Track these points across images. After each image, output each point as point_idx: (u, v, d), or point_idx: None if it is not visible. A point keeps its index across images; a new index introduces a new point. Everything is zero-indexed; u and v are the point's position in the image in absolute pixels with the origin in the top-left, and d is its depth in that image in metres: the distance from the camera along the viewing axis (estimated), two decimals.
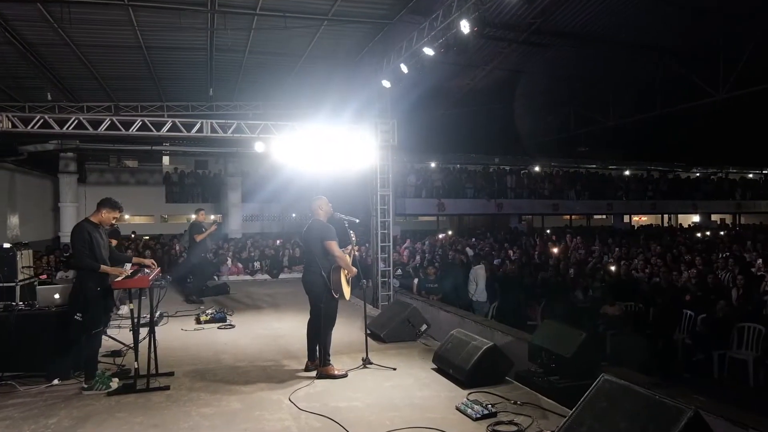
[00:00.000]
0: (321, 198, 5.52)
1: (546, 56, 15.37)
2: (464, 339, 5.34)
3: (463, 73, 16.29)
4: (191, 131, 9.62)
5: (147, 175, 22.39)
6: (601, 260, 11.38)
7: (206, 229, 10.27)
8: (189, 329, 7.75)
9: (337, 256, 5.19)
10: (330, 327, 5.35)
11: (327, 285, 5.20)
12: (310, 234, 5.34)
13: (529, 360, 5.89)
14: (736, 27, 13.09)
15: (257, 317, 8.77)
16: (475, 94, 17.98)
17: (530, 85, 17.35)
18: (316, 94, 11.17)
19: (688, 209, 25.85)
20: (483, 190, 22.39)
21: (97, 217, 5.13)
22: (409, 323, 6.87)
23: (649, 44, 14.66)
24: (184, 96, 12.24)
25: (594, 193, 23.77)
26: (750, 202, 26.71)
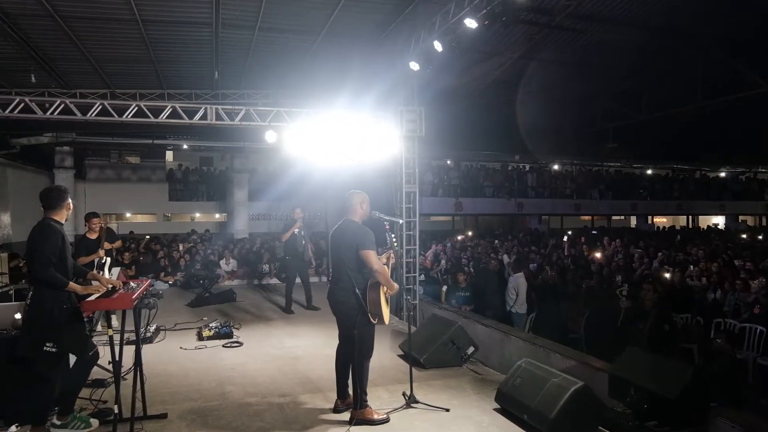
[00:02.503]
0: (360, 193, 4.37)
1: (578, 43, 14.17)
2: (539, 373, 4.18)
3: (486, 63, 15.14)
4: (194, 118, 8.49)
5: (149, 172, 21.32)
6: (650, 266, 10.20)
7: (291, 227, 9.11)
8: (189, 347, 6.61)
9: (377, 270, 4.03)
10: (366, 359, 4.19)
11: (362, 306, 4.04)
12: (341, 239, 4.18)
13: (610, 396, 4.72)
14: None
15: (267, 332, 7.63)
16: (497, 87, 16.77)
17: (557, 76, 16.13)
18: (334, 78, 9.98)
19: (716, 210, 24.57)
20: (502, 189, 21.21)
21: (61, 214, 3.88)
22: (453, 345, 5.72)
23: (691, 31, 13.51)
24: (187, 83, 11.07)
25: (617, 193, 22.54)
26: None
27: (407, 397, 4.53)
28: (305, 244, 9.11)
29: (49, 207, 3.81)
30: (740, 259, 11.93)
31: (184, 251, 13.91)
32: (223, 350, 6.53)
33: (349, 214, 4.32)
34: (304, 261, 9.18)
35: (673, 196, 23.22)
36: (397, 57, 9.08)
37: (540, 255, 12.37)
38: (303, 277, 9.30)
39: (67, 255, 3.81)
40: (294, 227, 8.99)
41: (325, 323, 8.10)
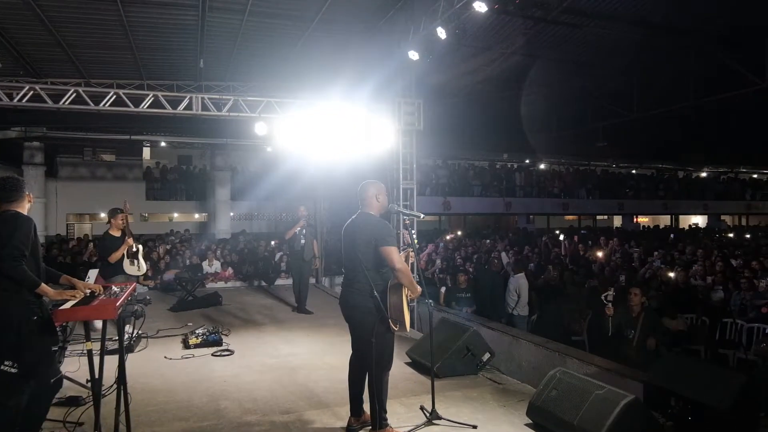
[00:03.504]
0: (376, 183, 3.88)
1: (572, 40, 13.91)
2: (578, 385, 3.74)
3: (478, 58, 14.79)
4: (178, 108, 7.89)
5: (125, 170, 20.44)
6: (651, 265, 9.93)
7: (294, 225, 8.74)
8: (174, 356, 6.01)
9: (400, 270, 3.54)
10: (386, 371, 3.70)
11: (382, 310, 3.55)
12: (356, 234, 3.67)
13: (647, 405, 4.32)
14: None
15: (259, 338, 7.06)
16: (487, 83, 16.47)
17: (549, 74, 15.87)
18: (328, 69, 9.45)
19: (699, 210, 24.73)
20: (491, 188, 20.95)
21: (23, 206, 3.23)
22: (468, 352, 5.26)
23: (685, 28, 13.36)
24: (169, 72, 10.39)
25: (605, 193, 22.46)
26: (759, 203, 25.71)
27: (428, 412, 4.05)
28: (304, 243, 8.58)
29: (7, 199, 3.17)
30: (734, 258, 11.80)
31: (164, 252, 13.21)
32: (212, 360, 5.96)
33: (364, 206, 3.82)
34: (303, 261, 8.66)
35: (659, 196, 23.26)
36: (395, 46, 8.61)
37: (537, 254, 12.02)
38: (302, 278, 8.78)
39: (39, 252, 3.21)
40: (297, 225, 8.49)
41: (321, 328, 7.60)
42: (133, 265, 6.63)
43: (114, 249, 6.53)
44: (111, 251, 6.51)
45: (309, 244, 8.77)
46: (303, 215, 8.69)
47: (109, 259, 6.51)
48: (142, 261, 6.77)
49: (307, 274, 9.15)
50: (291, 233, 8.47)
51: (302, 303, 8.75)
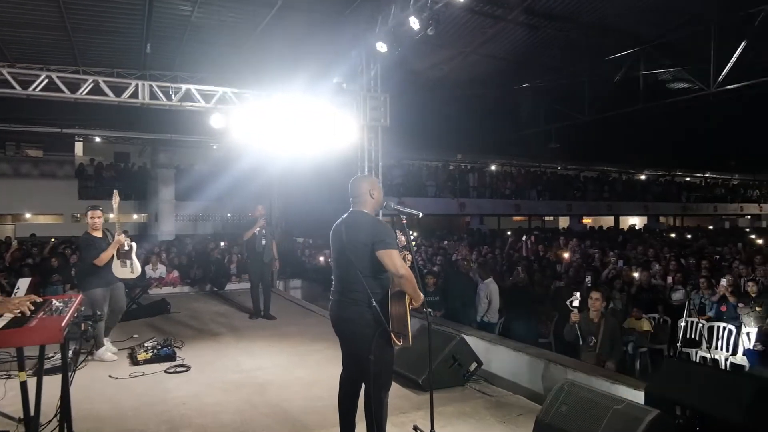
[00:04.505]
0: (369, 177, 3.47)
1: (530, 41, 14.01)
2: (591, 398, 3.43)
3: (435, 56, 14.60)
4: (122, 96, 7.08)
5: (55, 167, 18.85)
6: (615, 266, 9.99)
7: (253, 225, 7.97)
8: (121, 375, 5.28)
9: (404, 276, 3.09)
10: (385, 391, 3.24)
11: (381, 323, 3.09)
12: (349, 236, 3.20)
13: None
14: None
15: (217, 350, 6.40)
16: (442, 83, 16.35)
17: (505, 74, 15.97)
18: (289, 60, 8.84)
19: (640, 211, 25.75)
20: (445, 189, 20.87)
21: None
22: (455, 362, 4.88)
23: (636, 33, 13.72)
24: (109, 59, 9.44)
25: (554, 194, 22.93)
26: (693, 205, 27.12)
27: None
28: (265, 244, 7.96)
29: None
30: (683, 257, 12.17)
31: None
32: (166, 378, 5.28)
33: (356, 204, 3.36)
34: (264, 263, 8.04)
35: (604, 197, 24.01)
36: (361, 36, 8.17)
37: (499, 256, 11.90)
38: (263, 282, 8.16)
39: None
40: (255, 226, 7.84)
41: (284, 337, 7.03)
42: (126, 267, 5.73)
43: (100, 250, 5.61)
44: (97, 253, 5.58)
45: (269, 246, 8.18)
46: (261, 215, 8.07)
47: (96, 261, 5.58)
48: (136, 261, 5.85)
49: (268, 278, 8.56)
50: (250, 234, 7.83)
51: (267, 308, 8.16)
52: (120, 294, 5.96)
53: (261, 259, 8.03)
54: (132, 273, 5.80)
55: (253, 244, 7.91)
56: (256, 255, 7.91)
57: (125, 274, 5.77)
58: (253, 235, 7.82)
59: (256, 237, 7.94)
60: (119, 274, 5.73)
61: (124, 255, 5.72)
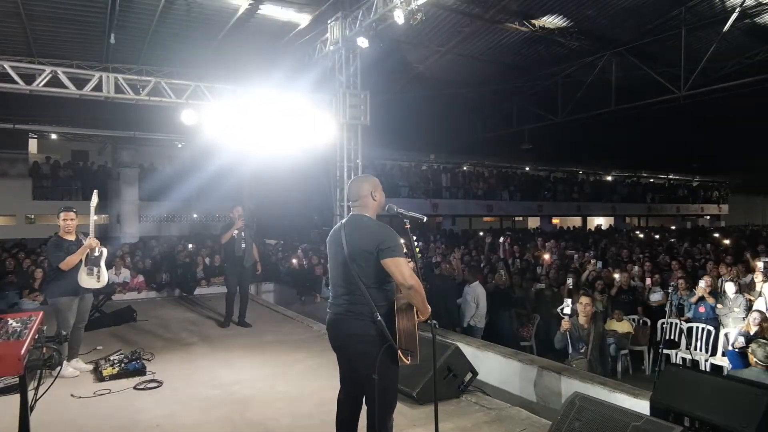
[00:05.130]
0: (370, 177, 3.14)
1: (505, 40, 13.98)
2: (606, 413, 3.22)
3: (411, 56, 14.42)
4: (84, 89, 6.56)
5: (6, 165, 17.77)
6: (595, 267, 9.96)
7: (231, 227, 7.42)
8: (85, 393, 4.81)
9: (413, 287, 2.80)
10: (390, 413, 2.96)
11: (387, 338, 2.80)
12: (351, 242, 2.89)
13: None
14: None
15: (191, 362, 5.97)
16: (416, 82, 16.20)
17: (479, 74, 15.93)
18: (265, 55, 8.44)
19: (608, 211, 26.21)
20: (418, 189, 20.72)
21: None
22: (449, 373, 4.63)
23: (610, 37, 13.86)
24: (68, 49, 8.82)
25: (526, 195, 23.08)
26: (658, 206, 27.81)
27: None
28: (245, 247, 7.51)
29: None
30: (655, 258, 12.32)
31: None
32: (136, 395, 4.84)
33: (357, 207, 3.05)
34: (244, 268, 7.59)
35: (573, 198, 24.32)
36: (340, 32, 7.84)
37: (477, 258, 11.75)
38: (242, 287, 7.69)
39: None
40: (234, 228, 7.34)
41: (263, 346, 6.65)
42: (92, 275, 5.20)
43: (68, 253, 5.11)
44: (63, 256, 5.08)
45: (250, 249, 7.74)
46: (240, 215, 7.53)
47: (62, 265, 5.07)
48: (104, 269, 5.33)
49: (247, 283, 8.10)
50: (228, 236, 7.32)
51: (243, 315, 7.72)
52: (87, 306, 5.48)
53: (241, 263, 7.59)
54: (98, 282, 5.30)
55: (231, 247, 7.43)
56: (236, 259, 7.45)
57: (91, 283, 5.26)
58: (232, 237, 7.36)
59: (234, 240, 7.46)
60: (84, 283, 5.23)
61: (93, 261, 5.22)
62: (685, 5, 12.39)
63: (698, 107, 17.18)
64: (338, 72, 8.06)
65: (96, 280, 5.25)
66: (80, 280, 5.20)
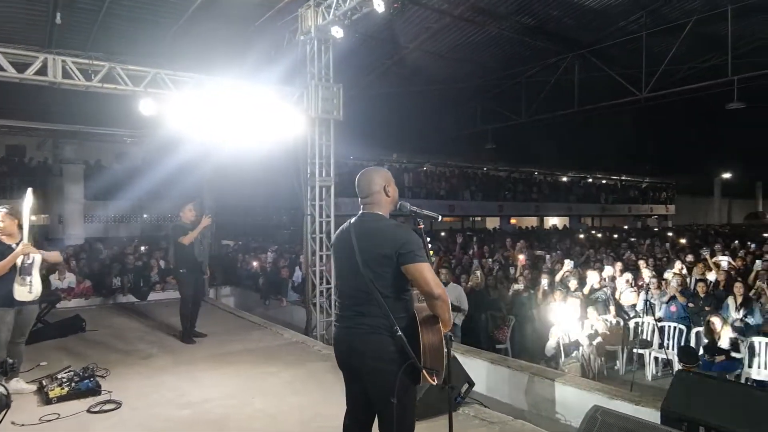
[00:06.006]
0: (382, 170, 2.76)
1: (472, 39, 13.89)
2: (635, 429, 2.96)
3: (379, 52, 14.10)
4: (26, 73, 5.82)
5: None
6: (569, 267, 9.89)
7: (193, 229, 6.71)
8: (29, 421, 4.18)
9: (440, 297, 2.43)
10: None
11: (409, 356, 2.42)
12: (364, 245, 2.50)
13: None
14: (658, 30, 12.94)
15: (152, 378, 5.38)
16: (381, 79, 15.91)
17: (444, 72, 15.80)
18: (232, 44, 7.84)
19: (564, 211, 26.77)
20: None
21: None
22: (445, 384, 4.26)
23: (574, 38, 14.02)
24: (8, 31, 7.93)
25: (486, 195, 23.20)
26: (611, 206, 28.66)
27: None
28: (204, 251, 6.91)
29: None
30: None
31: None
32: (90, 420, 4.26)
33: (368, 204, 2.66)
34: (202, 273, 6.99)
35: (532, 198, 24.66)
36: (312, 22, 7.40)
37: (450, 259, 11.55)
38: (197, 296, 7.05)
39: None
40: (198, 228, 6.68)
41: (230, 357, 6.13)
42: (24, 285, 4.54)
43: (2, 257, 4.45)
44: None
45: (206, 253, 7.15)
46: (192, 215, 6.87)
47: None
48: (37, 278, 4.66)
49: (202, 291, 7.50)
50: (191, 238, 6.65)
51: (193, 325, 7.02)
52: (27, 320, 4.80)
53: (200, 269, 6.98)
54: (30, 293, 4.63)
55: (191, 250, 6.76)
56: (196, 264, 6.80)
57: (23, 295, 4.58)
58: (195, 239, 6.69)
59: (195, 242, 6.80)
60: (17, 294, 4.55)
61: (26, 270, 4.56)
62: (645, 9, 12.69)
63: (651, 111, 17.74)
64: (310, 63, 7.59)
65: (28, 290, 4.60)
66: (15, 293, 4.54)
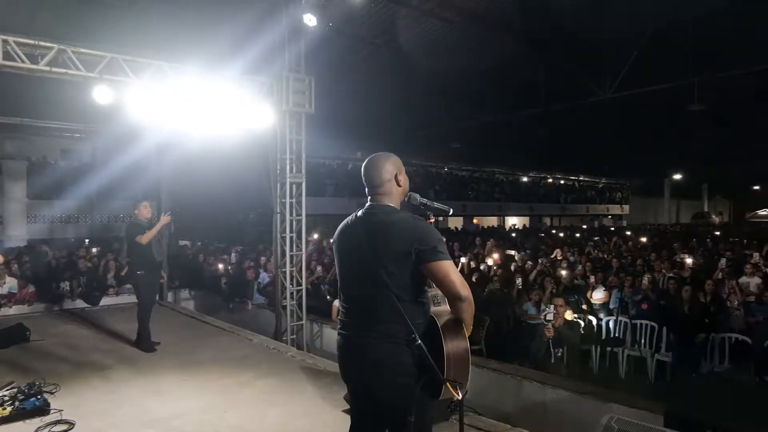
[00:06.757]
0: (393, 156, 2.43)
1: (441, 36, 13.74)
2: None
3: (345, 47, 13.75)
4: None
5: None
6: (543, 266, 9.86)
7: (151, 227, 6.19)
8: None
9: (467, 299, 2.14)
10: None
11: (428, 369, 2.11)
12: (377, 242, 2.17)
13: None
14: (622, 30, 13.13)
15: (110, 392, 4.85)
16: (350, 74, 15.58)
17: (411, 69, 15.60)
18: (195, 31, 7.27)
19: (526, 211, 27.15)
20: (345, 188, 20.09)
21: None
22: None
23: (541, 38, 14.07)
24: None
25: (450, 194, 23.19)
26: (570, 206, 29.29)
27: None
28: (164, 250, 6.39)
29: None
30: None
31: None
32: None
33: (378, 195, 2.33)
34: (160, 276, 6.47)
35: (495, 198, 24.86)
36: (283, 8, 7.00)
37: None
38: (153, 299, 6.50)
39: None
40: (157, 226, 6.14)
41: (197, 366, 5.66)
42: None
43: None
44: None
45: (165, 253, 6.62)
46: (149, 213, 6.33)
47: None
48: None
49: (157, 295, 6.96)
50: (149, 237, 6.09)
51: None
52: None
53: (160, 271, 6.45)
54: None
55: (149, 250, 6.21)
56: (156, 265, 6.26)
57: None
58: (154, 239, 6.15)
59: (152, 242, 6.25)
60: None
61: None
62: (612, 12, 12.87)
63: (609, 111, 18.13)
64: (281, 53, 7.18)
65: None
66: None
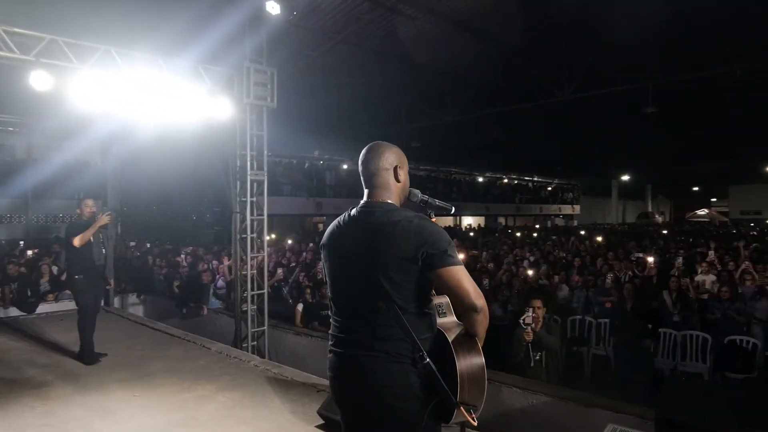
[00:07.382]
0: (394, 146, 2.14)
1: (401, 32, 13.55)
2: None
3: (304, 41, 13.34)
4: None
5: None
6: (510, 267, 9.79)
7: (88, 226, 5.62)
8: None
9: (482, 310, 1.85)
10: None
11: (438, 389, 1.83)
12: (376, 245, 1.87)
13: None
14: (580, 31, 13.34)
15: (49, 412, 4.32)
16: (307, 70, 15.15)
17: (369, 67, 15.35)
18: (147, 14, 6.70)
19: (482, 211, 27.44)
20: (302, 188, 19.62)
21: None
22: None
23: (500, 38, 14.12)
24: None
25: None
26: (524, 206, 29.86)
27: None
28: (105, 253, 5.83)
29: None
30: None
31: None
32: None
33: (375, 190, 2.05)
34: (101, 280, 5.90)
35: (452, 198, 24.96)
36: None
37: None
38: (97, 305, 5.93)
39: None
40: (95, 227, 5.54)
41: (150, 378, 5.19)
42: None
43: None
44: None
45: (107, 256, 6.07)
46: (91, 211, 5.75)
47: None
48: None
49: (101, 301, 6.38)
50: (85, 239, 5.50)
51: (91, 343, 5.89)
52: None
53: (101, 274, 5.88)
54: None
55: (89, 253, 5.60)
56: (96, 269, 5.66)
57: None
58: (89, 240, 5.55)
59: (92, 243, 5.66)
60: None
61: None
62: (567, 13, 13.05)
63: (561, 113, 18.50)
64: (240, 42, 6.75)
65: None
66: None
